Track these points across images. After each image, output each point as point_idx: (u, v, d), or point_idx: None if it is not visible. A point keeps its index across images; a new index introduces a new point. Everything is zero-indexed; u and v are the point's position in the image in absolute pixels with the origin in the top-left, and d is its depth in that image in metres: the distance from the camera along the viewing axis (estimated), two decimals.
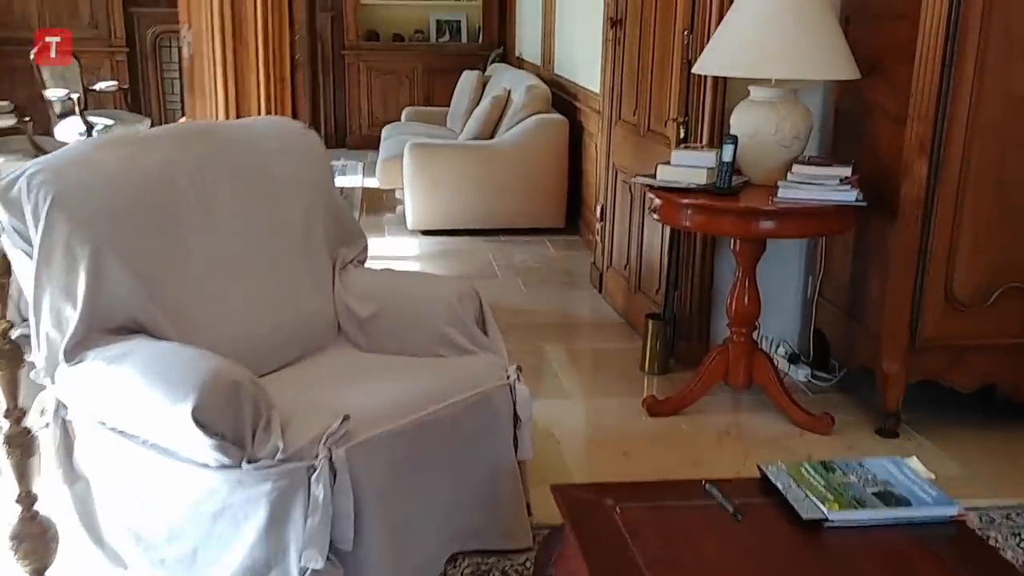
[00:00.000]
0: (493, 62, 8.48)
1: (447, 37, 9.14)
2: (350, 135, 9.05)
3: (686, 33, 3.64)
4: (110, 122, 6.68)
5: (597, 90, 5.45)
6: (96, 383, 2.19)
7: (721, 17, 3.37)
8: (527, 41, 7.99)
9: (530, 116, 5.90)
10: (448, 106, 7.63)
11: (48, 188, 2.23)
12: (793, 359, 3.81)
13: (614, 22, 4.44)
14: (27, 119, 5.47)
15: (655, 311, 3.92)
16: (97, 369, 2.19)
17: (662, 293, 3.94)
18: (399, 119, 7.83)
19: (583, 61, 5.91)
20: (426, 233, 5.89)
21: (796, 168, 3.11)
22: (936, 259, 3.14)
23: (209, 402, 2.00)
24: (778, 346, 3.86)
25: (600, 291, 4.77)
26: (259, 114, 3.46)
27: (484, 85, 7.23)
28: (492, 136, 6.04)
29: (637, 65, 4.20)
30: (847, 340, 3.53)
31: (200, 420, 1.99)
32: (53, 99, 6.82)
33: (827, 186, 3.07)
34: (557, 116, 5.93)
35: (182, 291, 2.41)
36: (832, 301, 3.63)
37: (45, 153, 5.61)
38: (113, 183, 2.35)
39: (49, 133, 6.89)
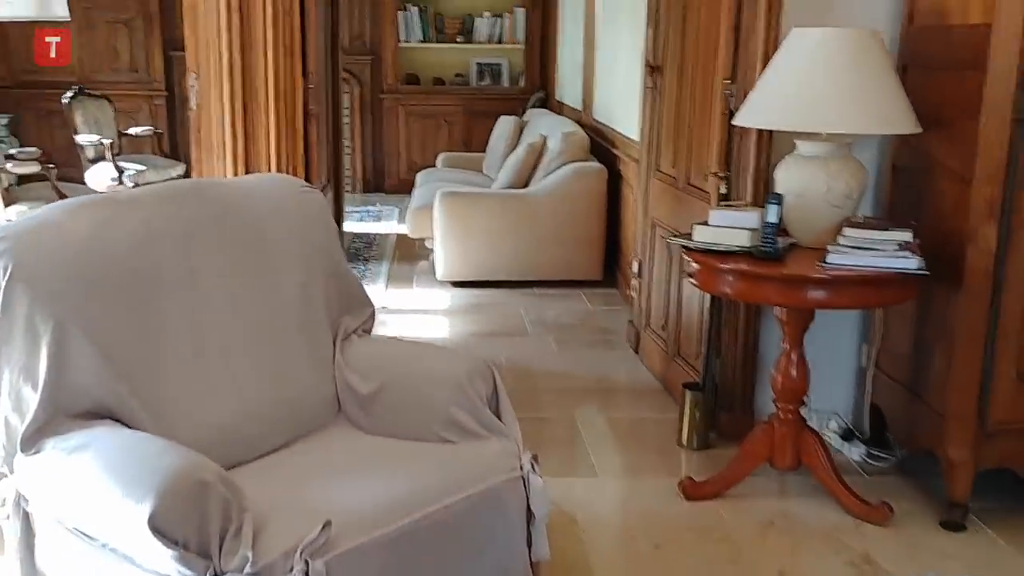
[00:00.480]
0: (534, 106, 8.28)
1: (488, 81, 8.98)
2: (388, 179, 8.90)
3: (728, 82, 3.37)
4: (142, 167, 6.57)
5: (637, 138, 5.20)
6: (53, 477, 1.96)
7: (766, 65, 3.10)
8: (568, 85, 7.78)
9: (567, 164, 5.66)
10: (487, 149, 7.42)
11: (7, 258, 2.02)
12: (846, 436, 3.48)
13: (652, 69, 4.19)
14: (51, 165, 5.36)
15: (694, 380, 3.62)
16: (54, 461, 1.96)
17: (702, 359, 3.64)
18: (438, 159, 7.65)
19: (622, 107, 5.67)
20: (457, 284, 5.65)
21: (849, 231, 2.81)
22: (1006, 334, 2.81)
23: (170, 506, 1.75)
24: (829, 420, 3.53)
25: (637, 352, 4.47)
26: (270, 169, 3.26)
27: (521, 131, 7.02)
28: (527, 184, 5.80)
29: (676, 115, 3.94)
30: (908, 418, 3.19)
31: (159, 527, 1.74)
32: (85, 144, 6.74)
33: (884, 252, 2.76)
34: (595, 164, 5.68)
35: (159, 371, 2.18)
36: (890, 374, 3.30)
37: None
38: (84, 251, 2.14)
39: (81, 179, 6.81)
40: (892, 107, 2.84)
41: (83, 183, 6.76)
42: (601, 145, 6.05)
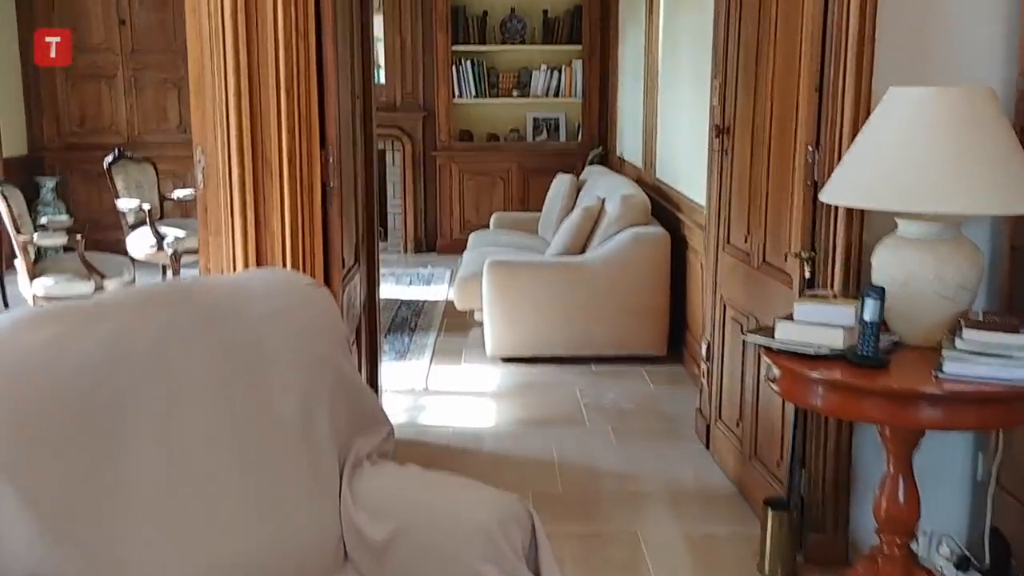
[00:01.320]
0: (592, 163, 7.86)
1: (545, 136, 8.60)
2: (440, 239, 8.54)
3: (811, 149, 2.90)
4: (181, 233, 6.30)
5: (703, 202, 4.73)
6: None
7: (856, 129, 2.63)
8: (628, 141, 7.35)
9: (626, 229, 5.21)
10: (542, 209, 7.01)
11: None
12: (961, 564, 2.92)
13: (720, 130, 3.73)
14: (79, 236, 5.08)
15: (777, 495, 3.10)
16: None
17: (785, 467, 3.13)
18: (491, 219, 7.25)
19: (687, 168, 5.21)
20: (507, 360, 5.20)
21: (969, 333, 2.29)
22: None
23: None
24: (940, 544, 2.97)
25: (708, 447, 3.96)
26: (284, 253, 2.87)
27: (579, 190, 6.59)
28: (583, 251, 5.35)
29: (749, 182, 3.47)
30: None
31: None
32: (125, 210, 6.51)
33: (1014, 359, 2.24)
34: (657, 230, 5.22)
35: (118, 523, 1.78)
36: (1015, 493, 2.75)
37: (97, 274, 5.22)
38: (26, 379, 1.75)
39: (122, 245, 6.57)
40: (1013, 181, 2.35)
41: (125, 251, 6.52)
42: (664, 207, 5.59)
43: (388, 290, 7.03)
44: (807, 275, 2.95)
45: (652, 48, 6.23)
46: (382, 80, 8.47)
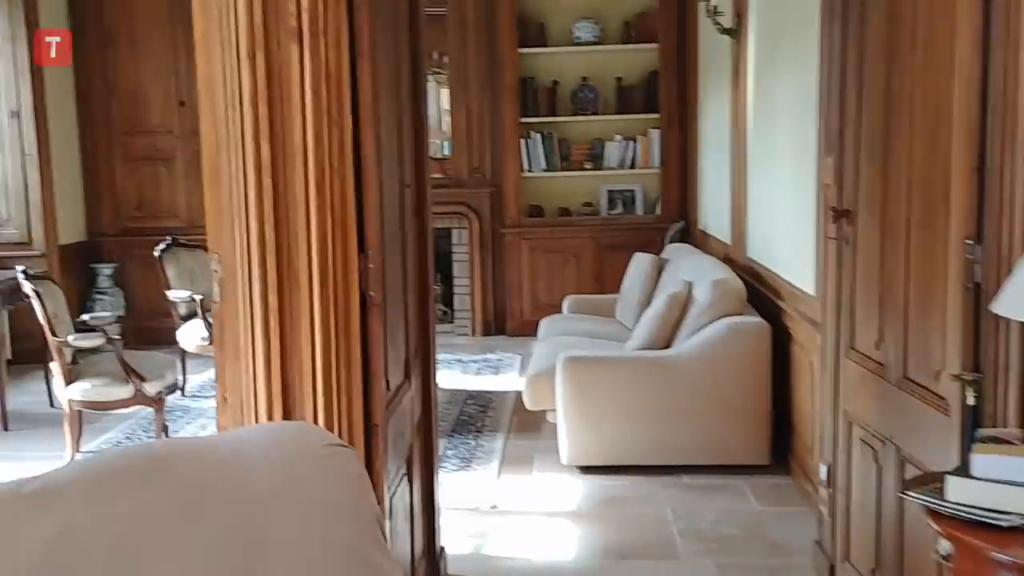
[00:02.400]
0: (673, 239, 7.29)
1: (620, 209, 8.07)
2: (510, 320, 8.01)
3: (970, 243, 2.29)
4: None
5: (809, 291, 4.11)
6: None
7: None
8: (713, 214, 6.77)
9: (719, 319, 4.60)
10: (620, 290, 6.44)
11: None
12: None
13: (839, 214, 3.13)
14: (117, 337, 4.67)
15: None
16: None
17: None
18: (564, 303, 6.68)
19: (787, 249, 4.61)
20: (586, 470, 4.60)
21: None
22: None
23: None
24: None
25: None
26: (313, 382, 2.36)
27: (660, 272, 6.01)
28: (669, 344, 4.75)
29: (880, 279, 2.86)
30: None
31: None
32: (176, 300, 6.14)
33: None
34: (755, 320, 4.60)
35: None
36: None
37: (137, 376, 4.79)
38: None
39: (172, 338, 6.19)
40: None
41: (176, 343, 6.14)
42: (760, 292, 4.97)
43: (453, 379, 6.51)
44: (971, 402, 2.32)
45: (739, 114, 5.68)
46: (446, 152, 8.07)
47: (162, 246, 6.27)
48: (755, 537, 3.84)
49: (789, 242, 4.54)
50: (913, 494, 2.01)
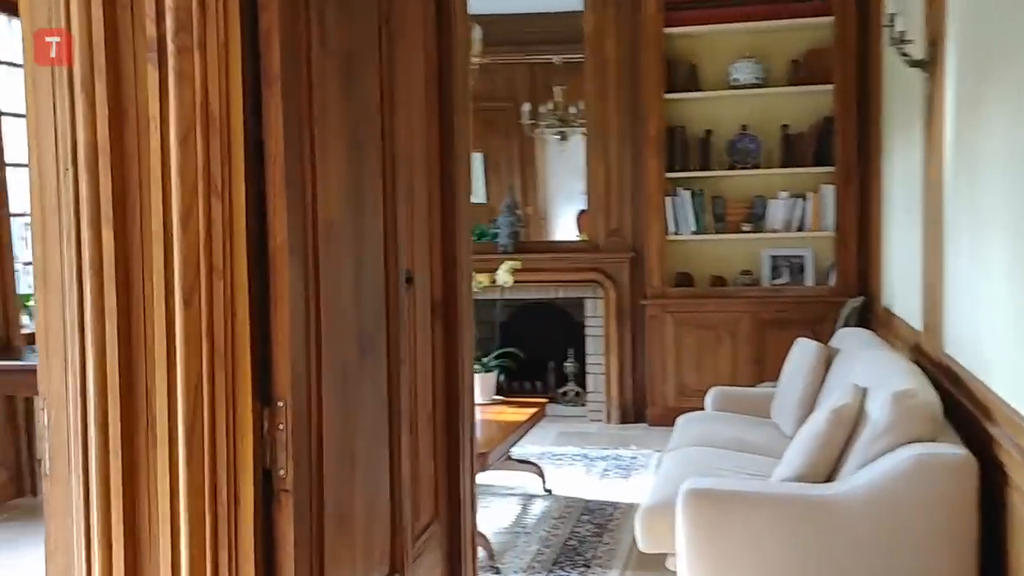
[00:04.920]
0: (849, 320, 5.98)
1: (786, 279, 6.83)
2: (651, 407, 6.89)
3: None
4: None
5: None
6: None
7: None
8: (900, 290, 5.46)
9: (900, 446, 3.36)
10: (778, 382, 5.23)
11: None
12: None
13: None
14: None
15: None
16: None
17: None
18: (708, 397, 5.51)
19: (1004, 353, 3.34)
20: None
21: None
22: None
23: None
24: None
25: None
26: None
27: (828, 365, 4.78)
28: (831, 477, 3.55)
29: None
30: None
31: None
32: None
33: None
34: (953, 451, 3.32)
35: None
36: None
37: None
38: None
39: None
40: None
41: None
42: (960, 404, 3.69)
43: (572, 482, 5.47)
44: None
45: (933, 168, 4.42)
46: (557, 220, 7.13)
47: None
48: None
49: (1009, 346, 3.27)
50: None
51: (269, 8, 1.42)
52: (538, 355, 7.56)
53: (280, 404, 1.46)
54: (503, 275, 5.26)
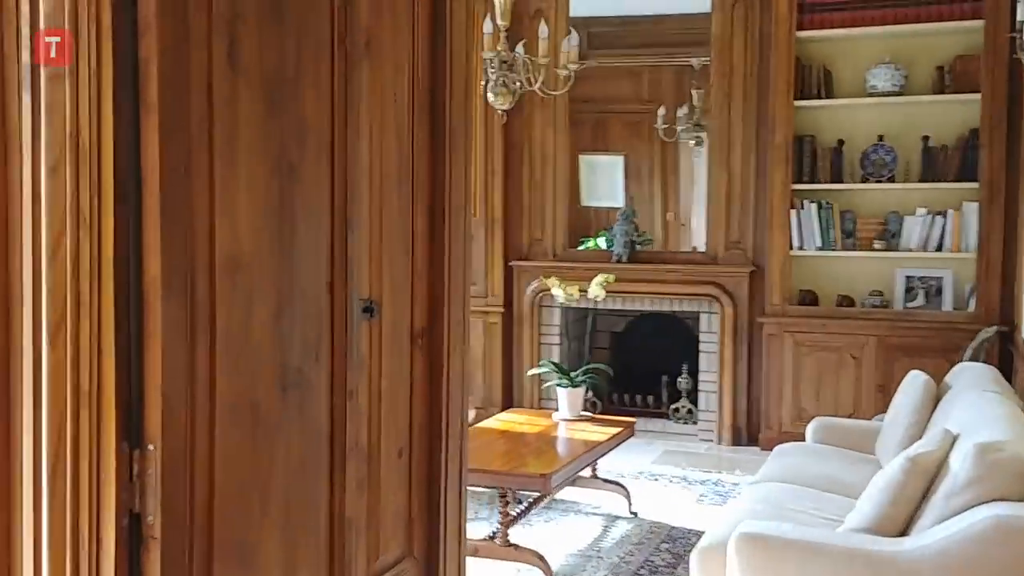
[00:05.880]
0: (978, 352, 5.47)
1: (921, 302, 6.33)
2: (766, 431, 6.54)
3: None
4: None
5: None
6: None
7: None
8: None
9: (982, 504, 3.01)
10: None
11: None
12: None
13: None
14: None
15: None
16: None
17: None
18: (809, 427, 5.15)
19: None
20: None
21: None
22: None
23: None
24: None
25: None
26: None
27: (935, 404, 4.37)
28: (905, 531, 3.22)
29: None
30: None
31: None
32: None
33: None
34: None
35: None
36: None
37: None
38: None
39: None
40: None
41: None
42: None
43: (663, 505, 5.26)
44: None
45: None
46: (700, 227, 6.86)
47: None
48: None
49: None
50: None
51: (148, 33, 1.38)
52: (654, 368, 7.34)
53: (151, 447, 1.42)
54: (595, 288, 5.11)
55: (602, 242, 7.55)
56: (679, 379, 7.09)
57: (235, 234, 1.55)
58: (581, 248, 7.49)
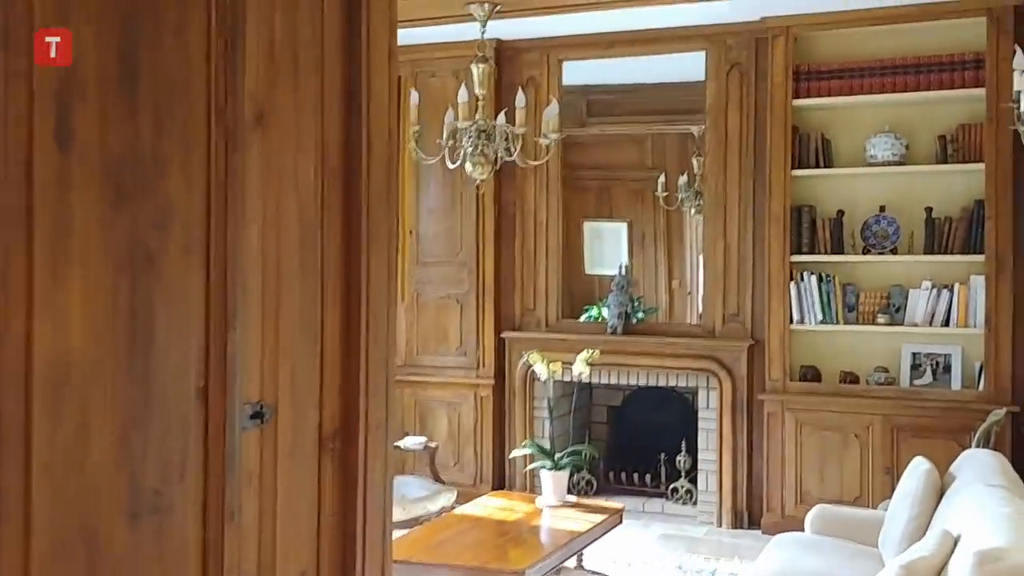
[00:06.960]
0: (986, 436, 5.15)
1: (929, 379, 6.03)
2: (767, 513, 6.20)
3: None
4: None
5: None
6: None
7: None
8: None
9: None
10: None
11: None
12: None
13: None
14: None
15: None
16: None
17: None
18: (808, 516, 4.82)
19: None
20: None
21: None
22: None
23: None
24: None
25: None
26: None
27: (942, 492, 4.07)
28: None
29: None
30: None
31: None
32: None
33: None
34: None
35: None
36: None
37: None
38: None
39: None
40: None
41: None
42: None
43: None
44: None
45: None
46: (697, 302, 6.62)
47: None
48: None
49: None
50: None
51: None
52: (653, 444, 7.03)
53: None
54: (580, 365, 4.86)
55: (606, 311, 7.32)
56: (678, 457, 6.78)
57: (64, 339, 1.33)
58: (584, 317, 7.24)
